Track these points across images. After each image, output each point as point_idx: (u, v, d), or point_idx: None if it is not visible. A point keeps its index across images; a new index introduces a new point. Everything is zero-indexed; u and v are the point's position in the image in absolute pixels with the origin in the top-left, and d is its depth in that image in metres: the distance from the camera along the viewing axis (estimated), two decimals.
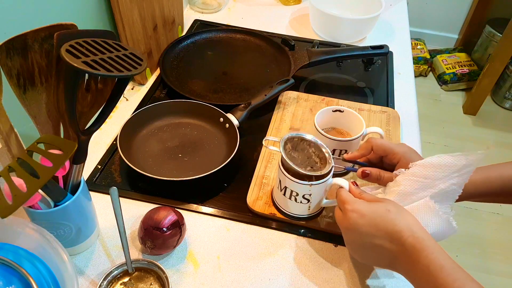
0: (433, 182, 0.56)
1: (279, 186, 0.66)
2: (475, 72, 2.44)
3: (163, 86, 0.95)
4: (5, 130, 0.54)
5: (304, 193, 0.63)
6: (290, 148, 0.65)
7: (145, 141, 0.80)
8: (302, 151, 0.65)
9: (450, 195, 0.56)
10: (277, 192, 0.67)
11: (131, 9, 0.84)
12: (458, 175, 0.55)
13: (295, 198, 0.64)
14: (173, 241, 0.62)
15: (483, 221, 1.84)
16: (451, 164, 0.55)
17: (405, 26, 1.23)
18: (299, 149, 0.65)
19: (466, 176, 0.55)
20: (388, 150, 0.63)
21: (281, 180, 0.65)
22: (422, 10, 2.60)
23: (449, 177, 0.56)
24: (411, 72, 1.06)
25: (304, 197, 0.64)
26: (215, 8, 1.23)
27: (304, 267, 0.64)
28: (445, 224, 0.55)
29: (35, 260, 0.50)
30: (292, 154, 0.65)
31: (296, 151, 0.65)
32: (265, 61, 1.03)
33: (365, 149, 0.65)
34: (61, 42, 0.46)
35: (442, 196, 0.56)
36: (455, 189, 0.56)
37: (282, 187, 0.65)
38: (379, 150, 0.64)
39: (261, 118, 0.88)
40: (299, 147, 0.66)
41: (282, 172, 0.63)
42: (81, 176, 0.58)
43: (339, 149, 0.71)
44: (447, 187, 0.56)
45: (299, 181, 0.62)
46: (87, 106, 0.56)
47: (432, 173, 0.56)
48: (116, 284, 0.59)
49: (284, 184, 0.64)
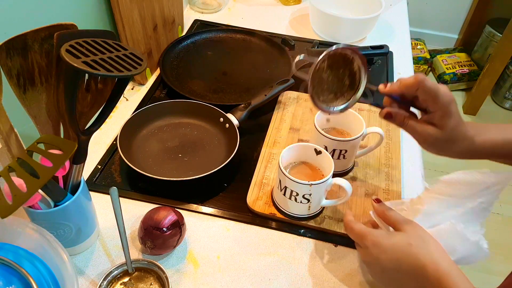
0: (460, 200, 0.53)
1: (279, 186, 0.66)
2: (475, 72, 2.44)
3: (163, 86, 0.95)
4: (5, 130, 0.54)
5: (304, 193, 0.63)
6: (326, 66, 0.56)
7: (145, 141, 0.80)
8: (337, 70, 0.57)
9: (479, 214, 0.53)
10: (277, 192, 0.67)
11: (131, 9, 0.84)
12: (488, 193, 0.52)
13: (295, 198, 0.64)
14: (173, 241, 0.62)
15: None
16: (480, 182, 0.52)
17: (405, 26, 1.23)
18: (334, 68, 0.57)
19: (496, 193, 0.52)
20: (433, 96, 0.52)
21: (281, 180, 0.65)
22: (422, 10, 2.60)
23: (478, 195, 0.52)
24: (411, 72, 1.06)
25: (304, 197, 0.64)
26: (215, 8, 1.23)
27: (304, 267, 0.64)
28: (475, 248, 0.52)
29: (35, 260, 0.50)
30: (323, 74, 0.57)
31: (331, 70, 0.57)
32: (265, 61, 1.03)
33: (409, 87, 0.53)
34: (61, 42, 0.46)
35: (470, 216, 0.53)
36: (485, 208, 0.52)
37: (282, 187, 0.65)
38: (423, 94, 0.53)
39: (261, 118, 0.88)
40: (337, 64, 0.57)
41: (282, 172, 0.63)
42: (81, 176, 0.58)
43: (339, 149, 0.71)
44: (476, 206, 0.52)
45: (299, 181, 0.62)
46: (87, 106, 0.56)
47: (459, 191, 0.53)
48: (116, 284, 0.59)
49: (284, 184, 0.64)
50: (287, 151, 0.67)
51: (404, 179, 0.77)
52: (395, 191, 0.73)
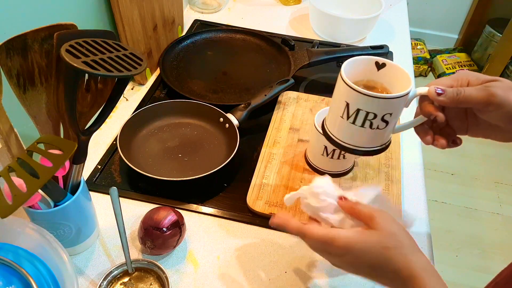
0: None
1: (344, 114, 0.53)
2: None
3: (163, 86, 0.95)
4: (5, 130, 0.54)
5: (386, 112, 0.51)
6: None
7: (145, 141, 0.80)
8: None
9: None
10: (342, 124, 0.54)
11: (131, 9, 0.84)
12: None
13: (370, 123, 0.52)
14: (173, 241, 0.62)
15: (483, 221, 1.84)
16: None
17: (405, 26, 1.23)
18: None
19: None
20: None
21: (349, 104, 0.51)
22: (422, 10, 2.60)
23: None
24: (411, 72, 1.06)
25: (383, 119, 0.52)
26: (215, 8, 1.23)
27: (304, 267, 0.64)
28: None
29: (35, 260, 0.50)
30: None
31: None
32: (265, 61, 1.03)
33: (475, 103, 0.48)
34: (61, 42, 0.46)
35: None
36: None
37: (352, 113, 0.52)
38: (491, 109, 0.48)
39: (261, 118, 0.88)
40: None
41: (355, 89, 0.50)
42: (81, 176, 0.58)
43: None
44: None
45: (379, 95, 0.49)
46: (87, 106, 0.56)
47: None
48: (116, 284, 0.59)
49: (356, 106, 0.51)
50: (347, 66, 0.54)
51: (404, 179, 0.77)
52: (395, 191, 0.73)
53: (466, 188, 1.96)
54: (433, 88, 0.50)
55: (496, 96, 0.47)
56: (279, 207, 0.69)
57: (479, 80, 0.51)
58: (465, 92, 0.49)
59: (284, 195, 0.71)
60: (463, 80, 0.51)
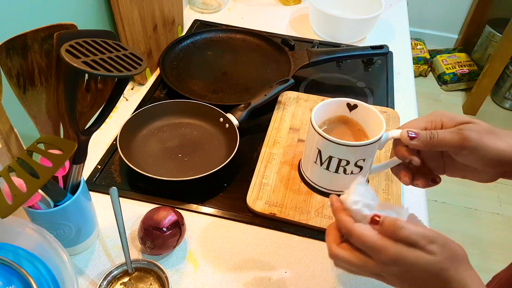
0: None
1: (317, 160, 0.53)
2: (475, 72, 2.44)
3: (163, 86, 0.95)
4: (5, 130, 0.54)
5: (358, 159, 0.51)
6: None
7: (145, 141, 0.80)
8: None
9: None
10: (316, 169, 0.53)
11: (131, 9, 0.84)
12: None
13: (344, 169, 0.52)
14: (173, 241, 0.62)
15: (483, 221, 1.84)
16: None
17: (405, 26, 1.23)
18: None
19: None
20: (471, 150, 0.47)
21: (321, 151, 0.51)
22: (422, 10, 2.60)
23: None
24: (411, 72, 1.06)
25: (357, 164, 0.51)
26: (215, 8, 1.23)
27: (304, 267, 0.64)
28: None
29: (35, 260, 0.50)
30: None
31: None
32: (265, 61, 1.03)
33: (447, 146, 0.48)
34: (61, 42, 0.46)
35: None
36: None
37: (324, 159, 0.52)
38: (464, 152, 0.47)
39: (261, 118, 0.88)
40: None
41: (325, 138, 0.49)
42: (81, 176, 0.58)
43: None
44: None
45: (353, 144, 0.48)
46: (87, 106, 0.56)
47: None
48: (116, 284, 0.59)
49: (328, 154, 0.50)
50: (318, 110, 0.54)
51: None
52: (395, 191, 0.73)
53: (466, 188, 1.95)
54: (406, 132, 0.49)
55: (470, 140, 0.46)
56: (279, 207, 0.69)
57: (453, 122, 0.50)
58: (439, 136, 0.48)
59: (284, 195, 0.71)
60: (437, 122, 0.51)
